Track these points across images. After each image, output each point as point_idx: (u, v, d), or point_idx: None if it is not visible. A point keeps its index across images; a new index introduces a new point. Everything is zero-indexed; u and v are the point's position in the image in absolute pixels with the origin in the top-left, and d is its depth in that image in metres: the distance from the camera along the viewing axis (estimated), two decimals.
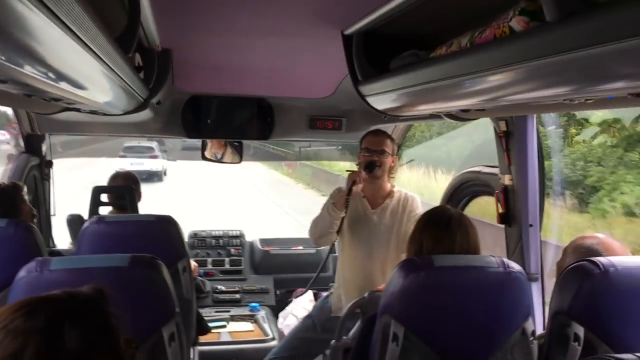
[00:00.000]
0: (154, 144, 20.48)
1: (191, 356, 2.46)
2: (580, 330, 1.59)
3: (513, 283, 1.58)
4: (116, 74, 1.81)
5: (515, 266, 1.60)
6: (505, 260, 1.60)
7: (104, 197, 3.16)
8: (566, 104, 1.48)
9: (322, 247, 3.77)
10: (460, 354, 1.56)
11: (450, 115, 2.32)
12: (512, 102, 1.56)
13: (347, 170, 2.92)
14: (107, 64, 1.62)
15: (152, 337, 1.50)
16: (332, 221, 2.77)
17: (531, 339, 1.60)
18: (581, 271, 1.61)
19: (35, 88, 1.55)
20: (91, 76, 1.69)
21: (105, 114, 2.67)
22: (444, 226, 1.73)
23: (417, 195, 2.93)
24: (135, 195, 3.22)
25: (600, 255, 1.74)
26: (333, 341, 2.49)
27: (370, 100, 2.28)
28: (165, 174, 21.37)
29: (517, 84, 1.36)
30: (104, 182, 3.38)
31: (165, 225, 2.24)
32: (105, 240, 2.15)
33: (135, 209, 3.03)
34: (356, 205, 2.84)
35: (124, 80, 1.99)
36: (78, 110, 2.53)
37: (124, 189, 3.16)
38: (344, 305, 2.71)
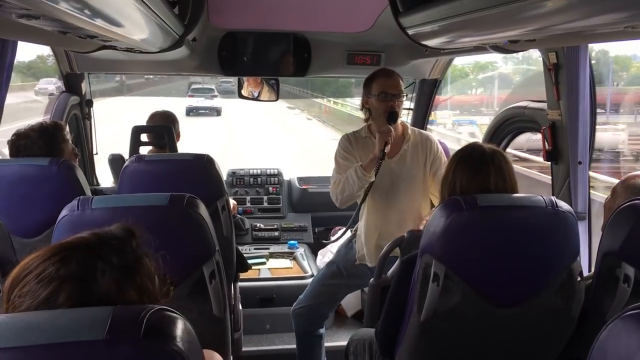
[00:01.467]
0: (213, 86, 23.67)
1: (232, 293, 2.51)
2: (630, 271, 1.53)
3: (562, 223, 1.51)
4: (150, 9, 1.76)
5: (564, 205, 1.53)
6: (554, 199, 1.53)
7: (144, 137, 3.18)
8: (623, 31, 1.37)
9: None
10: (503, 294, 1.52)
11: (497, 47, 2.20)
12: (563, 31, 1.45)
13: (362, 108, 2.66)
14: None
15: (193, 275, 1.52)
16: (361, 185, 2.51)
17: (578, 280, 1.55)
18: (634, 210, 1.53)
19: (68, 24, 1.52)
20: (125, 12, 1.64)
21: (141, 52, 2.64)
22: (476, 163, 1.65)
23: (432, 135, 2.75)
24: (174, 134, 3.23)
25: None
26: (372, 280, 2.49)
27: (411, 32, 2.17)
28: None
29: (568, 9, 1.25)
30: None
31: (204, 163, 2.22)
32: (145, 179, 2.17)
33: (174, 148, 3.04)
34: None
35: (159, 16, 1.94)
36: (114, 48, 2.51)
37: (163, 128, 3.15)
38: (366, 254, 2.69)
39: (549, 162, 2.55)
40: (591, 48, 2.37)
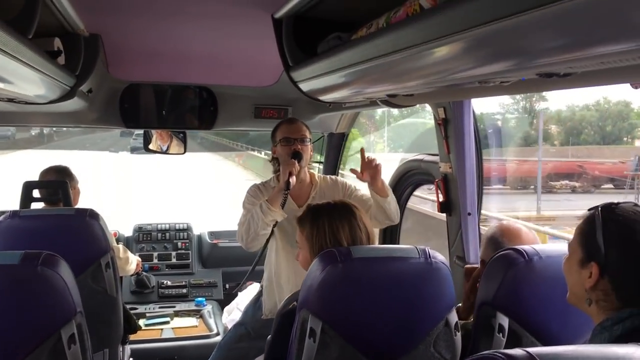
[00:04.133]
0: None
1: (120, 356, 2.36)
2: (504, 321, 1.55)
3: (435, 273, 1.52)
4: (21, 60, 1.68)
5: (437, 256, 1.55)
6: (428, 249, 1.54)
7: (36, 194, 3.01)
8: (486, 87, 1.43)
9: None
10: (381, 347, 1.50)
11: (386, 102, 2.27)
12: (432, 85, 1.50)
13: (271, 160, 2.66)
14: (5, 50, 1.50)
15: (50, 339, 1.40)
16: (267, 220, 2.43)
17: (454, 330, 1.55)
18: (506, 260, 1.57)
19: None
20: None
21: (28, 103, 2.53)
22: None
23: (339, 177, 2.76)
24: (70, 190, 3.07)
25: (503, 246, 1.71)
26: (269, 337, 2.41)
27: (301, 85, 2.20)
28: None
29: (433, 64, 1.30)
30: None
31: (87, 219, 2.11)
32: (21, 236, 2.03)
33: (69, 204, 2.89)
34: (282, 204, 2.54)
35: (35, 68, 1.86)
36: None
37: (57, 183, 3.00)
38: (273, 305, 2.61)
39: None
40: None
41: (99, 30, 2.51)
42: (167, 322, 3.50)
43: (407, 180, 3.04)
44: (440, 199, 2.56)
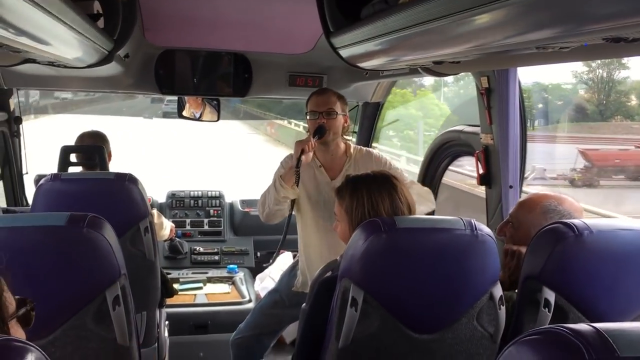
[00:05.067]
0: None
1: (157, 319, 2.39)
2: (551, 296, 1.51)
3: (481, 246, 1.48)
4: (67, 24, 1.67)
5: (483, 228, 1.51)
6: (474, 221, 1.50)
7: (73, 158, 3.05)
8: (541, 53, 1.37)
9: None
10: (423, 319, 1.48)
11: (427, 70, 2.20)
12: (483, 52, 1.44)
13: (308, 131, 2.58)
14: (49, 10, 1.49)
15: (95, 301, 1.41)
16: (280, 196, 2.41)
17: (499, 304, 1.52)
18: (555, 234, 1.52)
19: None
20: (42, 25, 1.55)
21: (67, 67, 2.53)
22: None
23: (374, 150, 2.67)
24: (106, 154, 3.11)
25: (563, 214, 1.67)
26: (304, 305, 2.41)
27: (342, 52, 2.15)
28: None
29: (487, 29, 1.24)
30: None
31: (126, 183, 2.12)
32: (61, 198, 2.05)
33: (106, 168, 2.92)
34: (314, 176, 2.53)
35: (79, 32, 1.85)
36: (36, 61, 2.39)
37: (93, 148, 3.04)
38: (309, 281, 2.59)
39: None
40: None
41: None
42: (200, 288, 3.54)
43: (445, 151, 2.98)
44: (480, 171, 2.51)
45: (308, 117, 2.51)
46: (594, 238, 1.50)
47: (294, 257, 3.45)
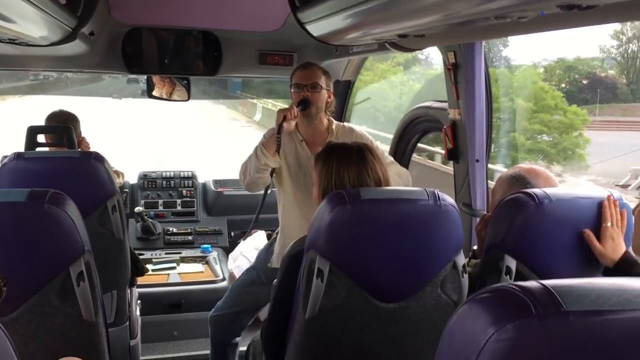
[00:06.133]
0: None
1: (128, 298, 2.38)
2: (512, 263, 1.55)
3: (444, 215, 1.51)
4: None
5: (447, 198, 1.53)
6: (437, 192, 1.53)
7: (41, 139, 3.00)
8: (501, 24, 1.39)
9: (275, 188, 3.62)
10: (389, 288, 1.50)
11: (394, 45, 2.21)
12: (446, 23, 1.45)
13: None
14: None
15: (58, 277, 1.41)
16: (260, 163, 2.42)
17: (462, 271, 1.56)
18: (516, 203, 1.56)
19: None
20: None
21: (29, 45, 2.47)
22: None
23: (356, 126, 2.67)
24: (74, 135, 3.06)
25: (527, 183, 1.70)
26: (275, 280, 2.43)
27: (309, 28, 2.15)
28: None
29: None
30: None
31: (92, 162, 2.10)
32: (25, 177, 2.01)
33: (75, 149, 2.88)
34: (295, 149, 2.55)
35: (37, 5, 1.81)
36: None
37: (62, 129, 2.99)
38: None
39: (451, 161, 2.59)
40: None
41: None
42: (173, 268, 3.54)
43: (414, 128, 3.00)
44: (449, 146, 2.53)
45: (292, 90, 2.51)
46: (554, 206, 1.54)
47: (268, 236, 3.47)
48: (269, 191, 2.84)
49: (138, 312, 2.58)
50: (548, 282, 0.79)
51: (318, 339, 1.52)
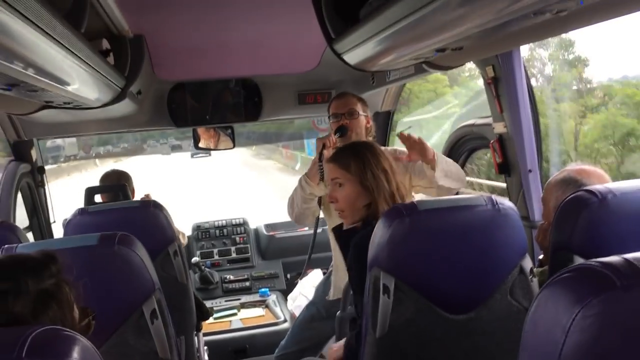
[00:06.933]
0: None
1: (195, 344, 2.41)
2: None
3: (504, 219, 1.49)
4: (79, 57, 1.74)
5: (505, 202, 1.51)
6: (494, 197, 1.51)
7: (98, 199, 3.12)
8: (541, 25, 1.39)
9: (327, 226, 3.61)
10: (457, 298, 1.48)
11: (431, 64, 2.23)
12: (485, 27, 1.46)
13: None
14: (66, 47, 1.55)
15: (133, 315, 1.44)
16: (306, 193, 2.44)
17: (530, 276, 1.52)
18: (578, 202, 1.52)
19: None
20: (55, 61, 1.62)
21: (82, 108, 2.61)
22: None
23: (397, 148, 2.66)
24: (129, 192, 3.18)
25: (580, 184, 1.66)
26: (339, 312, 2.41)
27: (347, 57, 2.19)
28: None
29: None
30: None
31: (152, 209, 2.17)
32: (90, 230, 2.08)
33: None
34: None
35: (92, 66, 1.92)
36: (53, 106, 2.47)
37: (116, 187, 3.11)
38: (340, 287, 2.60)
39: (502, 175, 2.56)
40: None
41: (142, 30, 2.57)
42: (234, 314, 3.56)
43: (460, 148, 2.99)
44: (498, 160, 2.51)
45: (331, 121, 2.57)
46: (619, 200, 1.49)
47: (324, 274, 3.47)
48: (319, 230, 2.86)
49: (206, 357, 2.59)
50: (628, 255, 0.78)
51: (392, 358, 1.50)
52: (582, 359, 0.73)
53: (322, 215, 2.71)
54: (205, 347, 2.80)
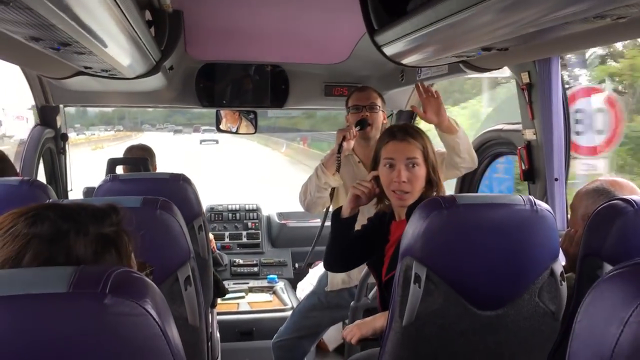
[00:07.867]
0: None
1: (210, 319, 2.43)
2: None
3: (541, 221, 1.50)
4: (129, 23, 1.75)
5: (542, 204, 1.52)
6: (532, 198, 1.52)
7: (119, 170, 3.15)
8: (595, 31, 1.40)
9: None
10: (486, 295, 1.49)
11: (469, 65, 2.25)
12: (540, 27, 1.46)
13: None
14: (121, 9, 1.57)
15: (168, 280, 1.46)
16: (321, 183, 2.46)
17: (560, 280, 1.53)
18: (614, 210, 1.53)
19: (40, 19, 1.49)
20: (100, 21, 1.63)
21: (117, 78, 2.63)
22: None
23: None
24: (150, 167, 3.21)
25: (612, 196, 1.68)
26: (353, 302, 2.43)
27: (386, 49, 2.19)
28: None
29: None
30: None
31: (180, 183, 2.19)
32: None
33: None
34: (352, 172, 2.59)
35: (137, 34, 1.93)
36: (89, 74, 2.49)
37: (138, 160, 3.14)
38: (345, 279, 2.62)
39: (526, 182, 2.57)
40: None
41: (181, 6, 2.59)
42: (242, 297, 3.58)
43: (484, 152, 3.00)
44: (524, 167, 2.52)
45: (350, 112, 2.59)
46: None
47: None
48: (326, 223, 2.87)
49: (218, 335, 2.61)
50: None
51: (415, 347, 1.51)
52: (637, 352, 0.75)
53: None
54: (216, 325, 2.82)
